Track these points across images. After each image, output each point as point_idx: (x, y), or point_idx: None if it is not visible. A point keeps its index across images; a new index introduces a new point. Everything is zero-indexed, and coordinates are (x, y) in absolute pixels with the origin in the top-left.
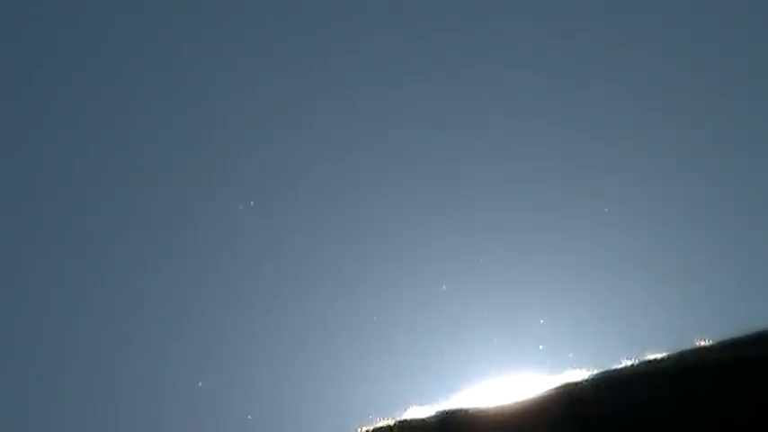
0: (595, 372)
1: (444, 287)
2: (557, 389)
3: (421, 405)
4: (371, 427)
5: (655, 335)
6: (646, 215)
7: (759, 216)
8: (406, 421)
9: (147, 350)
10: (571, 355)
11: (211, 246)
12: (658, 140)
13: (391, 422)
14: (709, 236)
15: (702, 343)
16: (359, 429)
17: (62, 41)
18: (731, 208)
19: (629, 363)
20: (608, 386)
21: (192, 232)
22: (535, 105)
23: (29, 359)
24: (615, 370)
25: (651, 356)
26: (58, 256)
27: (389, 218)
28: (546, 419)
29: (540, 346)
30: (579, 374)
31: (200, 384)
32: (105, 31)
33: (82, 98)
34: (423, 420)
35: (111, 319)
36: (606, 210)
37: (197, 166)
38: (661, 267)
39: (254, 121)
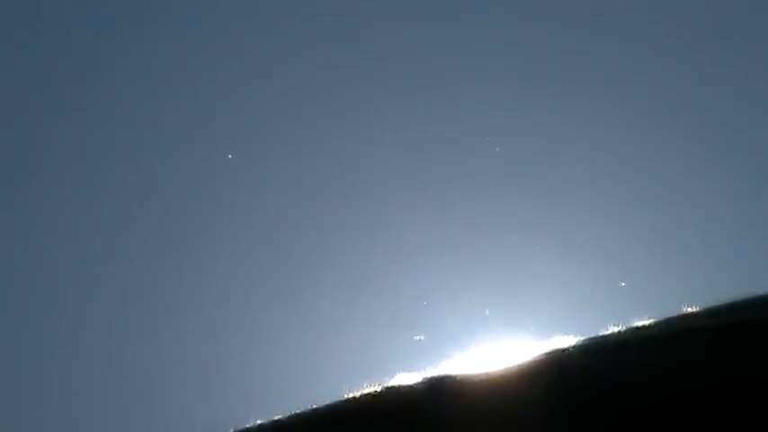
0: (583, 338)
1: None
2: (545, 354)
3: (408, 372)
4: (359, 393)
5: (642, 302)
6: (631, 182)
7: (745, 182)
8: (393, 387)
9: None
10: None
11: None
12: (626, 110)
13: (379, 388)
14: (694, 203)
15: (690, 310)
16: (346, 395)
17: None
18: (717, 174)
19: (616, 329)
20: (596, 352)
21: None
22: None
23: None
24: (603, 336)
25: (638, 323)
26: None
27: (380, 186)
28: (535, 385)
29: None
30: (567, 341)
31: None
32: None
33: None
34: (410, 387)
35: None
36: (593, 178)
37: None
38: (647, 235)
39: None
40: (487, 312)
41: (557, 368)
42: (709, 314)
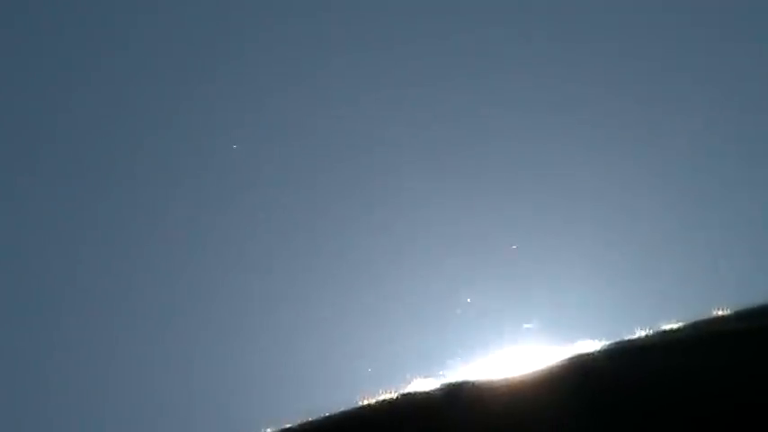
0: (608, 342)
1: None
2: (568, 359)
3: (426, 377)
4: (374, 400)
5: (671, 305)
6: (663, 183)
7: None
8: (410, 394)
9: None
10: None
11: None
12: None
13: (395, 395)
14: (725, 206)
15: (720, 313)
16: (361, 401)
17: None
18: (747, 177)
19: (643, 333)
20: (620, 356)
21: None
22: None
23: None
24: (629, 340)
25: (666, 327)
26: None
27: (397, 194)
28: (557, 391)
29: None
30: (592, 345)
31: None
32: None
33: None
34: (427, 393)
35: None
36: (619, 182)
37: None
38: (677, 237)
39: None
40: (527, 326)
41: (580, 372)
42: (738, 317)
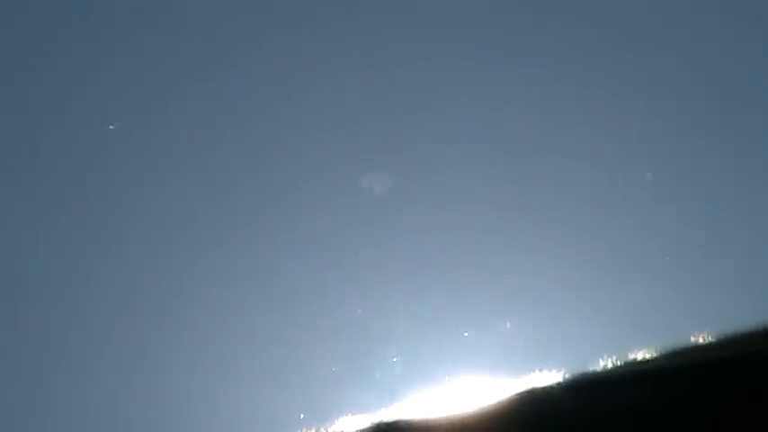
0: (568, 374)
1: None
2: (520, 394)
3: (354, 414)
4: None
5: (644, 331)
6: (633, 198)
7: (758, 204)
8: None
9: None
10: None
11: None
12: (641, 135)
13: None
14: (707, 226)
15: (699, 340)
16: None
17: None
18: (730, 194)
19: (608, 364)
20: (581, 391)
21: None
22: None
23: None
24: (591, 372)
25: (636, 356)
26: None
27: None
28: (506, 429)
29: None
30: (549, 377)
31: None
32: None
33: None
34: None
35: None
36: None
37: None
38: (653, 257)
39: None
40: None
41: (534, 409)
42: (720, 345)
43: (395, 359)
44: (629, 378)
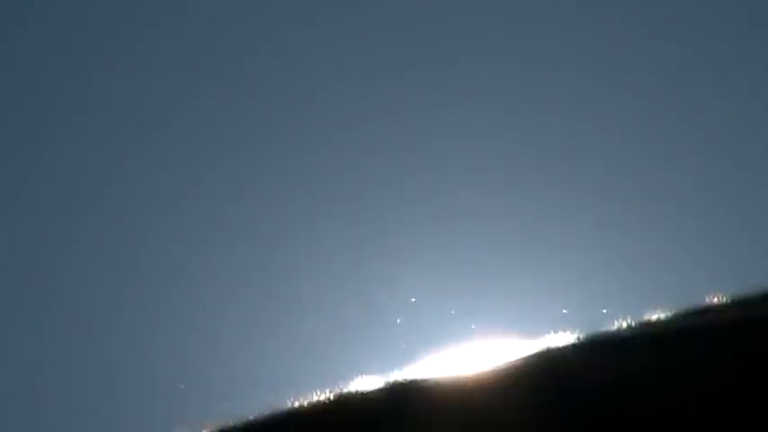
0: (582, 336)
1: (413, 299)
2: (534, 356)
3: (368, 375)
4: (306, 402)
5: (659, 293)
6: (644, 164)
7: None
8: (349, 395)
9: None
10: (565, 311)
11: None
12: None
13: (330, 396)
14: (722, 183)
15: (715, 301)
16: (292, 403)
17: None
18: (748, 149)
19: (623, 325)
20: (595, 352)
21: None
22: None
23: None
24: (606, 334)
25: (651, 318)
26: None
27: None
28: (520, 392)
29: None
30: (563, 339)
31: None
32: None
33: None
34: (366, 394)
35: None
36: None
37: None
38: (668, 210)
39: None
40: (453, 312)
41: (548, 370)
42: (737, 306)
43: (413, 300)
44: (644, 339)
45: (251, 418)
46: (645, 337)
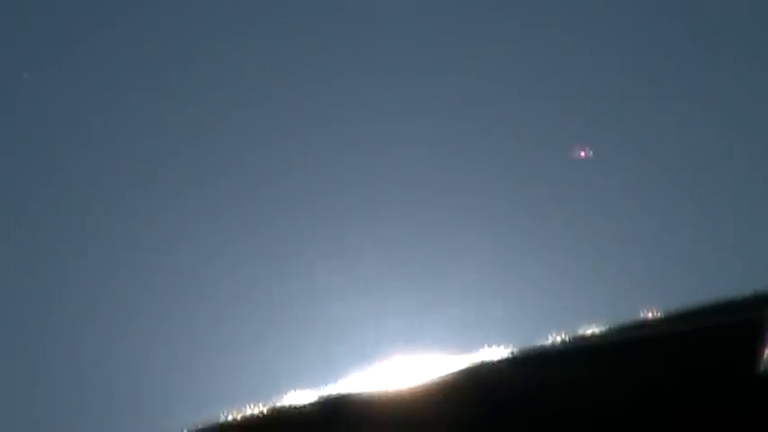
0: (515, 350)
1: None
2: (466, 370)
3: (301, 389)
4: (239, 415)
5: (594, 307)
6: (583, 173)
7: (712, 179)
8: (279, 408)
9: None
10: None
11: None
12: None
13: (264, 409)
14: (658, 199)
15: (650, 315)
16: (224, 417)
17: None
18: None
19: (557, 339)
20: (528, 366)
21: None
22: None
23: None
24: (539, 347)
25: (583, 332)
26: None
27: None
28: (452, 405)
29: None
30: (496, 353)
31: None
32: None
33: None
34: (299, 408)
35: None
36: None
37: None
38: (602, 225)
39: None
40: (394, 314)
41: (480, 382)
42: (670, 320)
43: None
44: (577, 352)
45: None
46: (578, 350)
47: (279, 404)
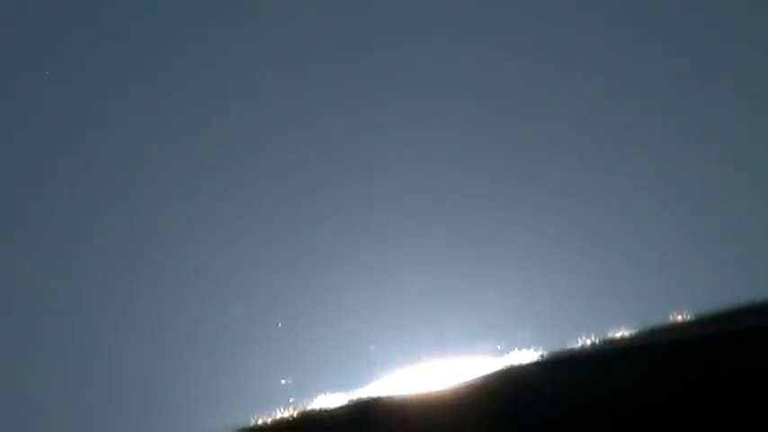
0: (545, 353)
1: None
2: (497, 373)
3: (332, 393)
4: (270, 419)
5: (624, 310)
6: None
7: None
8: (310, 412)
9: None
10: (523, 335)
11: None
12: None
13: (294, 413)
14: (688, 203)
15: (679, 318)
16: (255, 420)
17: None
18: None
19: (587, 342)
20: (557, 369)
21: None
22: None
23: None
24: (569, 351)
25: (613, 335)
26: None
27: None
28: (482, 409)
29: (372, 347)
30: (526, 356)
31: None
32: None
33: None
34: (330, 411)
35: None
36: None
37: None
38: (633, 229)
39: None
40: (372, 348)
41: (510, 388)
42: (700, 323)
43: (372, 347)
44: (607, 355)
45: None
46: (608, 353)
47: (309, 407)
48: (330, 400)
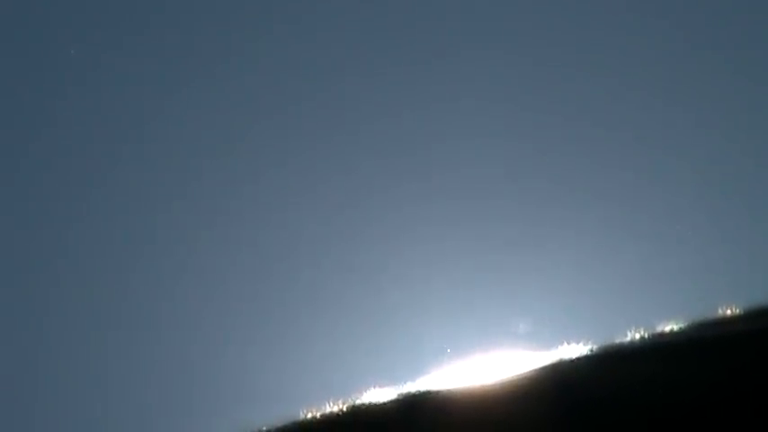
0: (594, 347)
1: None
2: (546, 367)
3: (382, 387)
4: (319, 413)
5: (672, 304)
6: (658, 172)
7: None
8: (360, 406)
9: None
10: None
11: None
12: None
13: (343, 407)
14: (736, 193)
15: (727, 313)
16: (304, 414)
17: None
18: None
19: (635, 336)
20: (606, 364)
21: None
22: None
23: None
24: (617, 345)
25: (663, 329)
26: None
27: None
28: (531, 402)
29: (448, 349)
30: (575, 350)
31: None
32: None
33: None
34: (380, 405)
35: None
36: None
37: None
38: (681, 222)
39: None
40: (448, 350)
41: (559, 381)
42: (748, 318)
43: (448, 350)
44: (656, 349)
45: (264, 428)
46: (657, 347)
47: (359, 401)
48: (380, 394)
